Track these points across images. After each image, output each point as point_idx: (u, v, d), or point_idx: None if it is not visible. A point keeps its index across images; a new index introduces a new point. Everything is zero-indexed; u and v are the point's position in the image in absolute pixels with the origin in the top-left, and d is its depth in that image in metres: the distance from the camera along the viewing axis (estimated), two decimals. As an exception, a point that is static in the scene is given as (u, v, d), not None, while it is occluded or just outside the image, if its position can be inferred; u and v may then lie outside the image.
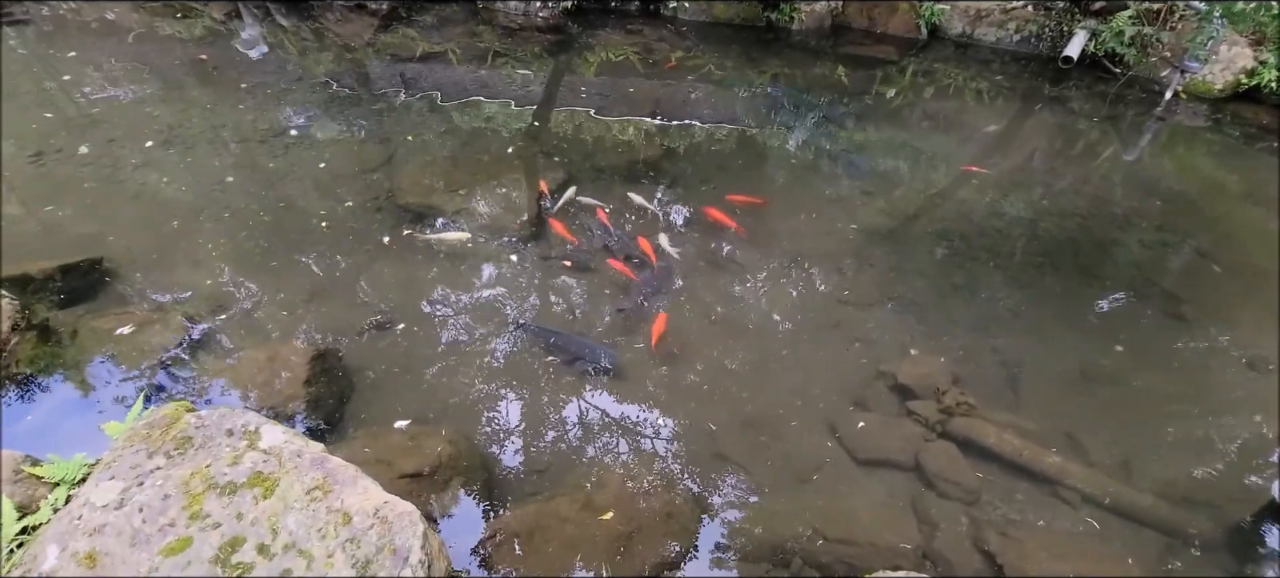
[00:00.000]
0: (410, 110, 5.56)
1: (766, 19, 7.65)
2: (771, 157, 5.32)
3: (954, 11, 7.40)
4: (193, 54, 6.27)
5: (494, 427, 3.03)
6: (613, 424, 3.08)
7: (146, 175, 4.44)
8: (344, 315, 3.48)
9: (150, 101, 5.39)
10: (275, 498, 1.91)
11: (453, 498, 2.65)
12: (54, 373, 3.04)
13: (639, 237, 4.07)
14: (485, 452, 2.90)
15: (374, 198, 4.38)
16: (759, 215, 4.46)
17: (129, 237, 3.89)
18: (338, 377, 3.09)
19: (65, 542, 1.82)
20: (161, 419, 2.12)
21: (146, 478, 1.94)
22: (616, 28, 7.56)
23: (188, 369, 3.12)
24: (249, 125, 5.14)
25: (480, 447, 2.91)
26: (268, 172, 4.61)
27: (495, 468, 2.87)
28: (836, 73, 6.82)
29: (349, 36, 6.94)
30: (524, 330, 3.41)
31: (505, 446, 2.96)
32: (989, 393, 3.26)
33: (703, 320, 3.62)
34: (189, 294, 3.53)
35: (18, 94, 5.38)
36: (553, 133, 5.42)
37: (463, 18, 7.51)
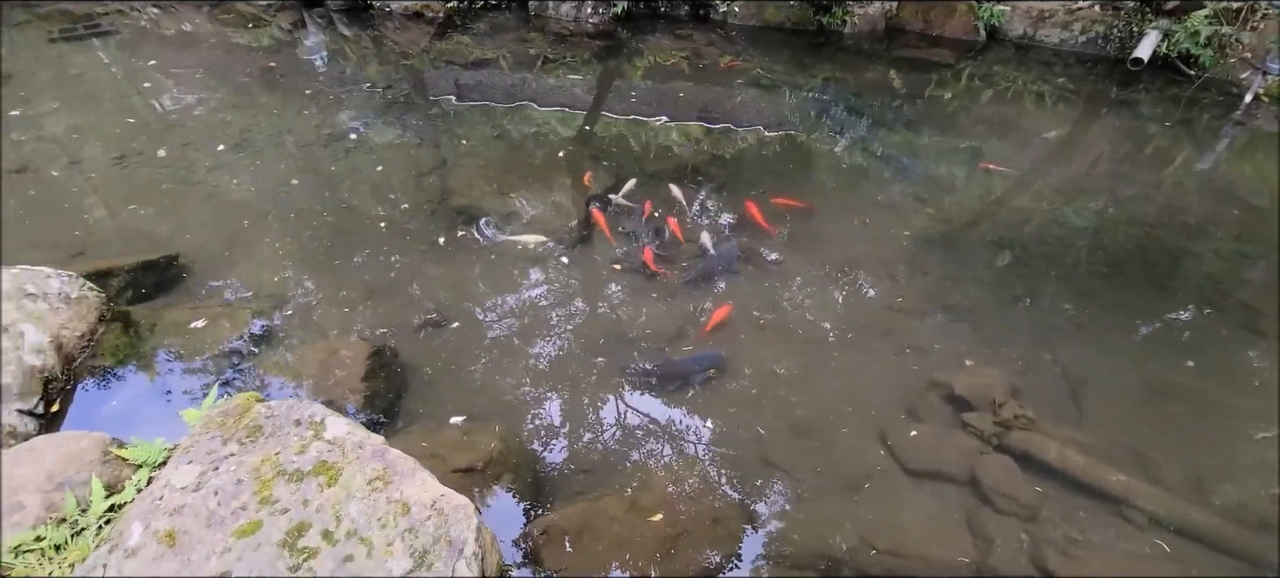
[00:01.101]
0: (463, 115, 5.71)
1: (818, 23, 7.57)
2: (821, 161, 5.26)
3: (1015, 13, 7.17)
4: (262, 62, 6.59)
5: (542, 425, 3.08)
6: (658, 426, 3.09)
7: (218, 178, 4.68)
8: (400, 313, 3.59)
9: (222, 107, 5.69)
10: (339, 487, 2.00)
11: (503, 494, 2.71)
12: (135, 362, 3.23)
13: (669, 217, 4.23)
14: (533, 449, 2.96)
15: (428, 200, 4.51)
16: (807, 220, 4.41)
17: (202, 235, 4.10)
18: (395, 372, 3.20)
19: (148, 520, 1.94)
20: (234, 408, 2.24)
21: (221, 463, 2.05)
22: (666, 33, 7.60)
23: (255, 362, 3.28)
24: (312, 130, 5.37)
25: (529, 444, 2.97)
26: (329, 174, 4.80)
27: (543, 465, 2.91)
28: (889, 76, 6.69)
29: (406, 44, 7.18)
30: (628, 374, 3.30)
31: (553, 444, 3.01)
32: (1049, 407, 3.15)
33: (750, 325, 3.60)
34: (256, 291, 3.70)
35: (103, 101, 5.76)
36: (602, 137, 5.48)
37: (515, 25, 7.68)
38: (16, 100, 5.62)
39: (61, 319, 3.09)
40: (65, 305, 3.15)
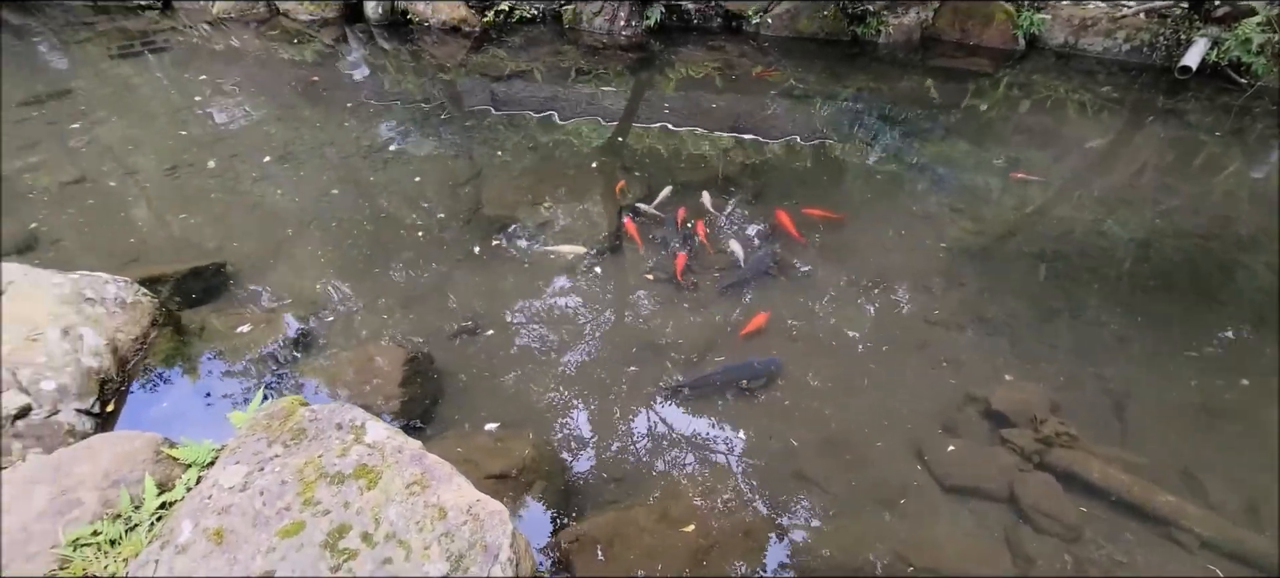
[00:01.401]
0: (498, 126, 5.81)
1: (852, 33, 7.52)
2: (854, 172, 5.21)
3: (1055, 21, 7.03)
4: (306, 76, 6.80)
5: (573, 433, 3.10)
6: (689, 437, 3.09)
7: (264, 188, 4.84)
8: (435, 320, 3.66)
9: (268, 120, 5.89)
10: (378, 490, 2.04)
11: (535, 501, 2.74)
12: (184, 365, 3.36)
13: (698, 222, 4.30)
14: (565, 457, 2.98)
15: (464, 210, 4.59)
16: (839, 230, 4.37)
17: (247, 243, 4.24)
18: (430, 378, 3.26)
19: (197, 518, 2.01)
20: (279, 411, 2.31)
21: (266, 465, 2.12)
22: (698, 44, 7.64)
23: (296, 366, 3.37)
24: (352, 142, 5.52)
25: (560, 452, 2.99)
26: (368, 185, 4.92)
27: (574, 473, 2.93)
28: (924, 86, 6.61)
29: (443, 57, 7.34)
30: (683, 389, 3.28)
31: (584, 452, 3.03)
32: (1093, 424, 3.06)
33: (782, 335, 3.58)
34: (298, 297, 3.81)
35: (157, 114, 6.01)
36: (633, 147, 5.52)
37: (549, 38, 7.80)
38: (77, 113, 5.90)
39: (117, 323, 3.23)
40: (121, 310, 3.29)
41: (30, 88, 6.35)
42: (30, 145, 5.32)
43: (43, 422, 2.74)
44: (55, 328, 2.96)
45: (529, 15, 8.00)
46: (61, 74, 6.82)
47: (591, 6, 7.86)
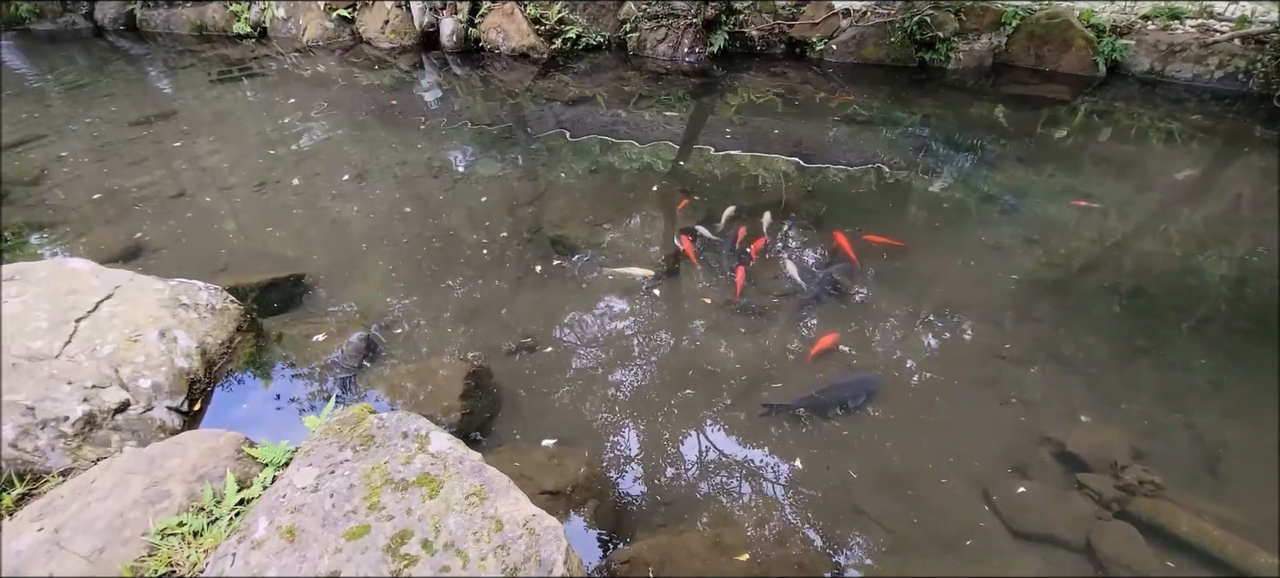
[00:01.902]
0: (561, 150, 5.96)
1: (919, 60, 7.39)
2: (920, 199, 5.09)
3: (1139, 47, 6.71)
4: (383, 100, 7.18)
5: (626, 454, 3.11)
6: (742, 464, 3.05)
7: (341, 205, 5.12)
8: (496, 336, 3.76)
9: (347, 141, 6.23)
10: (439, 499, 2.11)
11: (588, 519, 2.76)
12: (263, 370, 3.56)
13: (755, 241, 4.37)
14: (618, 477, 2.99)
15: (527, 229, 4.72)
16: (903, 258, 4.27)
17: (324, 257, 4.48)
18: (491, 392, 3.35)
19: (272, 515, 2.12)
20: (350, 417, 2.42)
21: (337, 468, 2.22)
22: (760, 71, 7.66)
23: (364, 375, 3.52)
24: (424, 162, 5.77)
25: (613, 471, 3.01)
26: (437, 203, 5.13)
27: (626, 494, 2.94)
28: (995, 113, 6.41)
29: (512, 83, 7.62)
30: (774, 411, 3.27)
31: (637, 473, 3.03)
32: (1181, 474, 2.85)
33: (840, 363, 3.51)
34: (369, 309, 3.99)
35: (249, 134, 6.45)
36: (694, 172, 5.56)
37: (613, 65, 7.98)
38: (180, 133, 6.40)
39: (207, 327, 3.46)
40: (211, 315, 3.53)
41: (141, 110, 6.94)
42: (138, 162, 5.80)
43: (138, 417, 2.95)
44: (154, 330, 3.20)
45: (594, 42, 8.21)
46: (168, 97, 7.42)
47: (656, 34, 8.00)
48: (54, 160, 5.81)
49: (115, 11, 9.57)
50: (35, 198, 5.21)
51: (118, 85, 7.72)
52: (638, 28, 8.10)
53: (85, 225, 4.83)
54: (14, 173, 5.57)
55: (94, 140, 6.24)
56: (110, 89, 7.58)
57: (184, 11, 9.39)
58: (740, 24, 7.84)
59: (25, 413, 2.65)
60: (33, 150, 5.99)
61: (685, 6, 7.89)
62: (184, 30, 9.42)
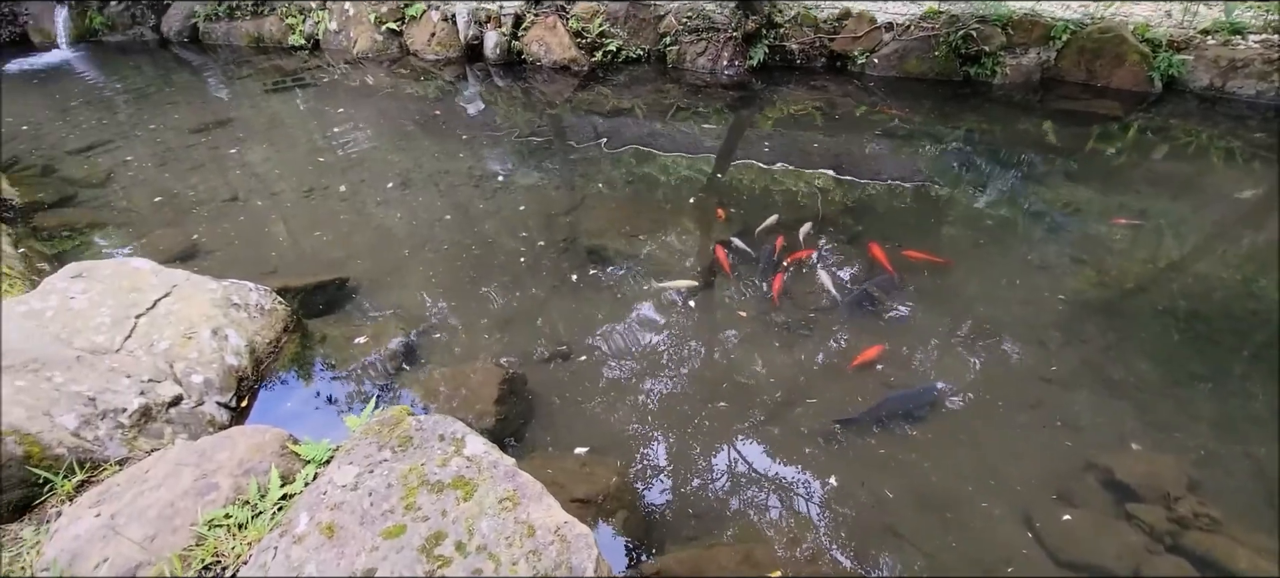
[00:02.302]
0: (599, 160, 6.03)
1: (964, 73, 7.25)
2: (963, 215, 4.98)
3: (1198, 62, 6.46)
4: (428, 110, 7.37)
5: (658, 465, 3.11)
6: (773, 479, 3.02)
7: (385, 211, 5.26)
8: (531, 343, 3.81)
9: (392, 149, 6.41)
10: (473, 502, 2.14)
11: (618, 528, 2.76)
12: (307, 369, 3.67)
13: (795, 255, 4.35)
14: (648, 488, 2.99)
15: (563, 239, 4.78)
16: (944, 275, 4.18)
17: (368, 261, 4.60)
18: (525, 398, 3.39)
19: (313, 511, 2.18)
20: (390, 418, 2.48)
21: (376, 467, 2.27)
22: (800, 84, 7.62)
23: (403, 377, 3.60)
24: (465, 171, 5.90)
25: (644, 482, 3.01)
26: (477, 211, 5.23)
27: (656, 505, 2.94)
28: (1043, 129, 6.24)
29: (552, 94, 7.74)
30: (848, 424, 3.23)
31: (667, 485, 3.03)
32: (1239, 508, 2.72)
33: (876, 380, 3.44)
34: (409, 314, 4.08)
35: (299, 142, 6.69)
36: (731, 185, 5.55)
37: (652, 77, 8.04)
38: (235, 140, 6.68)
39: (256, 327, 3.59)
40: (260, 315, 3.66)
41: (200, 118, 7.27)
42: (196, 167, 6.07)
43: (190, 411, 3.07)
44: (207, 328, 3.34)
45: (634, 55, 8.28)
46: (225, 105, 7.76)
47: (695, 47, 8.04)
48: (120, 164, 6.12)
49: (180, 24, 10.06)
50: (102, 199, 5.49)
51: (180, 94, 8.11)
52: (678, 41, 8.15)
53: (146, 226, 5.07)
54: (83, 175, 5.88)
55: (157, 146, 6.55)
56: (173, 97, 7.96)
57: (243, 24, 9.82)
58: (780, 38, 7.82)
59: (87, 404, 2.78)
60: (101, 155, 6.32)
61: (725, 20, 7.91)
62: (242, 42, 9.84)
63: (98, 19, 10.16)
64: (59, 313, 3.12)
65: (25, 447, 2.50)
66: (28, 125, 7.11)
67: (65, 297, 3.23)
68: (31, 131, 6.96)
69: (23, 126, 7.07)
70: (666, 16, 8.21)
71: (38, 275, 4.15)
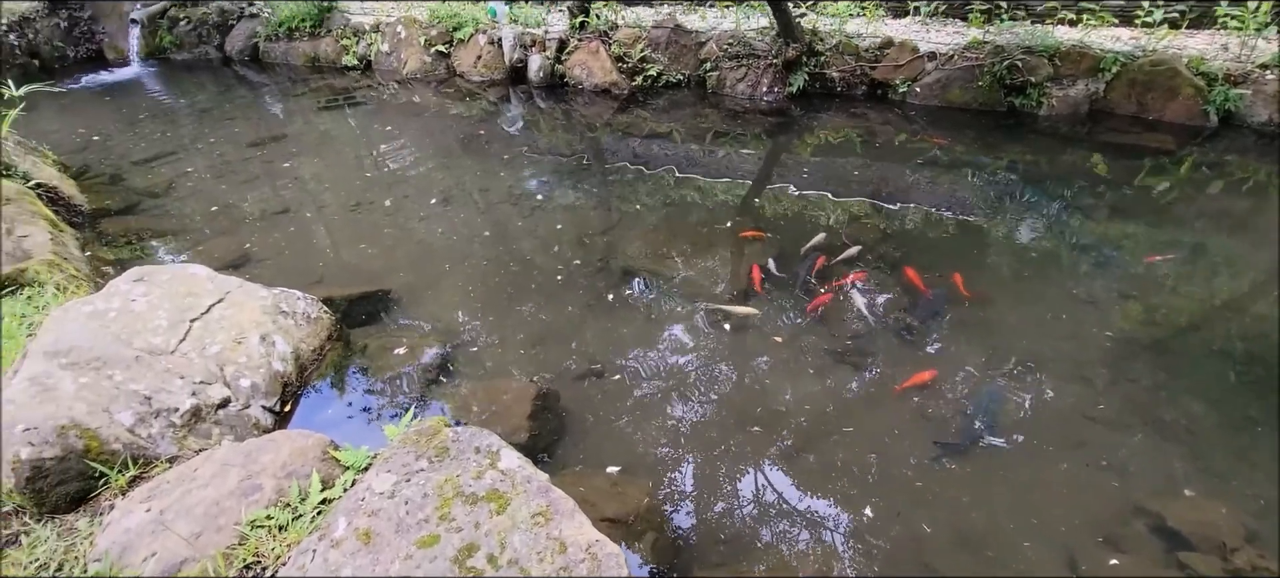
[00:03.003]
0: (636, 182, 6.09)
1: (1009, 104, 7.15)
2: (1006, 246, 4.88)
3: (1256, 97, 6.25)
4: (472, 130, 7.57)
5: (689, 488, 3.10)
6: (808, 507, 2.97)
7: (428, 226, 5.40)
8: (565, 360, 3.85)
9: (436, 167, 6.60)
10: (506, 515, 2.17)
11: (647, 550, 2.75)
12: (348, 377, 3.77)
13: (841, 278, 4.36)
14: (677, 510, 2.98)
15: (599, 258, 4.83)
16: (987, 307, 4.09)
17: (409, 275, 4.72)
18: (558, 415, 3.42)
19: (351, 517, 2.24)
20: (427, 429, 2.53)
21: (413, 477, 2.32)
22: (840, 111, 7.60)
23: (441, 388, 3.67)
24: (505, 189, 6.03)
25: (674, 504, 3.00)
26: (516, 229, 5.33)
27: (685, 528, 2.92)
28: (1091, 161, 6.10)
29: (592, 116, 7.88)
30: (947, 449, 3.22)
31: (698, 508, 3.01)
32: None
33: (912, 410, 3.38)
34: (448, 327, 4.17)
35: (348, 158, 6.93)
36: (768, 209, 5.55)
37: (691, 101, 8.12)
38: (288, 155, 6.95)
39: (302, 334, 3.71)
40: (306, 323, 3.78)
41: (257, 132, 7.60)
42: (251, 180, 6.33)
43: (237, 413, 3.18)
44: (256, 334, 3.46)
45: (674, 80, 8.38)
46: (279, 122, 8.09)
47: (735, 73, 8.10)
48: (181, 175, 6.42)
49: (242, 44, 10.57)
50: (163, 208, 5.76)
51: (239, 110, 8.49)
52: (718, 67, 8.23)
53: (202, 234, 5.30)
54: (146, 185, 6.19)
55: (215, 158, 6.86)
56: (232, 113, 8.34)
57: (300, 45, 10.26)
58: (821, 65, 7.83)
59: (143, 402, 2.91)
60: (164, 166, 6.65)
61: (765, 48, 7.97)
62: (299, 61, 10.28)
63: (167, 38, 10.74)
64: (121, 314, 3.28)
65: (85, 441, 2.62)
66: (99, 136, 7.53)
67: (127, 299, 3.39)
68: (102, 142, 7.36)
69: (94, 137, 7.49)
70: (707, 43, 8.31)
71: (102, 278, 4.37)
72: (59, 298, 3.72)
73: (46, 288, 3.80)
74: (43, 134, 6.97)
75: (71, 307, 3.27)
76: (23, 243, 4.21)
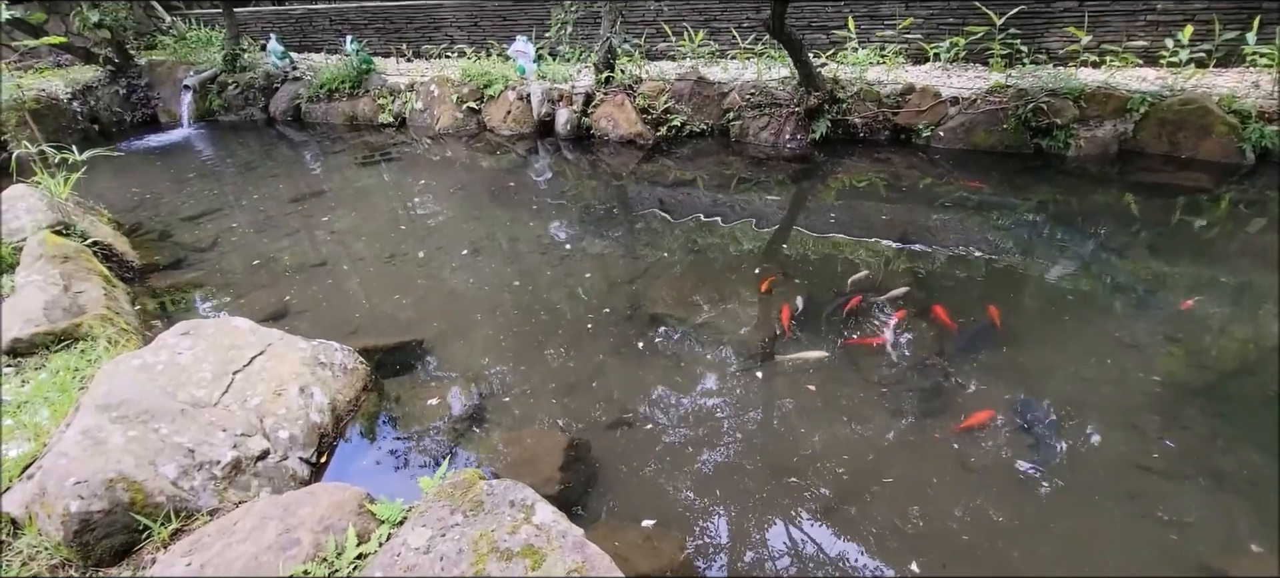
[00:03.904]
0: (662, 230, 6.16)
1: (1035, 146, 7.11)
2: (1037, 288, 4.79)
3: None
4: (502, 182, 7.77)
5: (724, 542, 3.03)
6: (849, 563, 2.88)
7: (460, 276, 5.51)
8: (595, 410, 3.84)
9: (467, 218, 6.76)
10: (542, 572, 2.15)
11: (682, 607, 2.69)
12: (383, 428, 3.81)
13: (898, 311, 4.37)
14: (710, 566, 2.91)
15: (629, 306, 4.86)
16: (1025, 350, 4.00)
17: (442, 324, 4.80)
18: (589, 465, 3.40)
19: (386, 572, 2.24)
20: (461, 482, 2.54)
21: (448, 531, 2.32)
22: (864, 156, 7.64)
23: (473, 439, 3.69)
24: (534, 239, 6.14)
25: (706, 560, 2.93)
26: (546, 278, 5.40)
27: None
28: (1123, 201, 6.01)
29: (618, 166, 8.03)
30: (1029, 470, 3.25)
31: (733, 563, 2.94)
32: (1385, 627, 2.41)
33: (952, 460, 3.28)
34: (479, 376, 4.21)
35: (383, 211, 7.15)
36: (793, 254, 5.55)
37: (715, 150, 8.24)
38: (327, 209, 7.19)
39: (339, 385, 3.78)
40: (343, 374, 3.85)
41: (297, 189, 7.90)
42: (291, 234, 6.55)
43: (275, 465, 3.23)
44: (295, 385, 3.54)
45: (698, 129, 8.53)
46: (319, 178, 8.40)
47: (758, 121, 8.23)
48: (225, 230, 6.68)
49: (285, 105, 11.09)
50: (208, 263, 5.98)
51: (281, 167, 8.85)
52: (741, 116, 8.36)
53: (244, 288, 5.47)
54: (192, 240, 6.44)
55: (258, 214, 7.13)
56: (275, 170, 8.70)
57: (340, 105, 10.73)
58: (843, 112, 7.91)
59: (186, 455, 2.98)
60: (209, 222, 6.92)
61: (787, 96, 8.09)
62: (339, 120, 10.72)
63: (216, 101, 11.34)
64: (168, 367, 3.39)
65: (131, 494, 2.69)
66: (150, 194, 7.90)
67: (174, 352, 3.50)
68: (153, 200, 7.71)
69: (146, 195, 7.86)
70: (730, 94, 8.47)
71: (150, 331, 4.53)
72: (110, 351, 3.85)
73: (99, 341, 3.95)
74: (99, 194, 7.34)
75: (122, 360, 3.39)
76: (78, 298, 4.39)
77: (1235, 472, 3.10)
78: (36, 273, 4.51)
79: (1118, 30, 7.85)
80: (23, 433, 3.20)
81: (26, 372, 3.75)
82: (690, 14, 10.13)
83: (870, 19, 9.05)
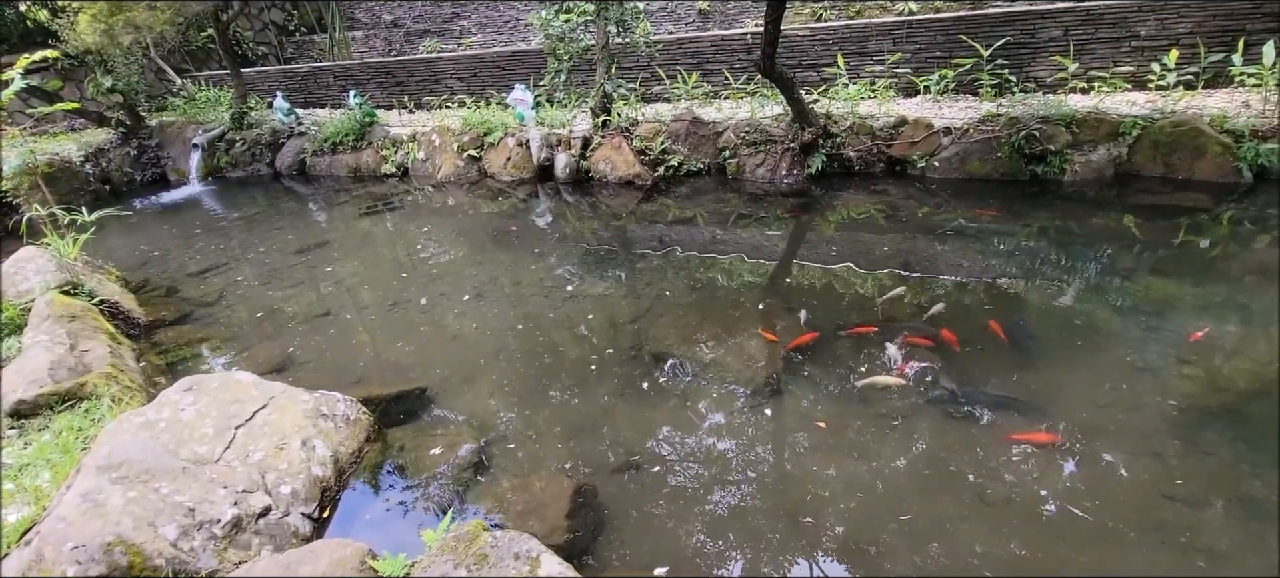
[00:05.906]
0: (663, 268, 6.17)
1: (1031, 172, 7.16)
2: (1047, 313, 4.75)
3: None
4: (503, 227, 7.83)
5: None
6: (866, 606, 2.80)
7: (463, 322, 5.50)
8: (602, 453, 3.79)
9: (469, 263, 6.79)
10: (549, 622, 2.08)
11: (696, 657, 2.60)
12: (386, 479, 3.75)
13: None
14: (727, 612, 2.83)
15: (632, 346, 4.84)
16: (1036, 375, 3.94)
17: (445, 371, 4.77)
18: (597, 511, 3.33)
19: (390, 628, 2.17)
20: (465, 534, 2.49)
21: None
22: (860, 188, 7.69)
23: (477, 488, 3.63)
24: (537, 282, 6.15)
25: (722, 606, 2.85)
26: (548, 321, 5.39)
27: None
28: (1123, 223, 6.01)
29: (617, 207, 8.10)
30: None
31: (748, 609, 2.85)
32: None
33: (970, 491, 3.21)
34: (484, 423, 4.16)
35: (385, 259, 7.19)
36: (795, 288, 5.54)
37: (713, 188, 8.32)
38: (330, 260, 7.24)
39: (341, 437, 3.74)
40: (345, 426, 3.82)
41: (302, 240, 7.97)
42: (295, 285, 6.58)
43: (277, 522, 3.17)
44: (297, 439, 3.50)
45: (695, 168, 8.63)
46: (323, 229, 8.49)
47: (754, 158, 8.32)
48: (231, 284, 6.72)
49: (290, 159, 11.33)
50: (212, 316, 6.00)
51: (286, 219, 8.96)
52: (737, 154, 8.46)
53: (248, 340, 5.47)
54: (199, 295, 6.48)
55: (263, 267, 7.18)
56: (280, 222, 8.79)
57: (343, 157, 10.92)
58: (837, 146, 7.99)
59: (187, 514, 2.93)
60: (215, 276, 6.97)
61: (782, 133, 8.19)
62: (342, 172, 10.90)
63: (224, 158, 11.58)
64: (170, 424, 3.36)
65: (129, 557, 2.63)
66: (158, 251, 7.98)
67: (176, 409, 3.48)
68: (160, 256, 7.79)
69: (154, 252, 7.94)
70: (725, 132, 8.58)
71: (154, 387, 4.51)
72: (114, 411, 3.83)
73: (103, 400, 3.93)
74: (108, 252, 7.42)
75: (125, 419, 3.37)
76: (83, 357, 4.39)
77: (1266, 498, 3.02)
78: (43, 333, 4.52)
79: (1103, 57, 7.97)
80: (23, 497, 3.16)
81: (30, 433, 3.73)
82: (682, 57, 10.34)
83: (859, 55, 9.23)
